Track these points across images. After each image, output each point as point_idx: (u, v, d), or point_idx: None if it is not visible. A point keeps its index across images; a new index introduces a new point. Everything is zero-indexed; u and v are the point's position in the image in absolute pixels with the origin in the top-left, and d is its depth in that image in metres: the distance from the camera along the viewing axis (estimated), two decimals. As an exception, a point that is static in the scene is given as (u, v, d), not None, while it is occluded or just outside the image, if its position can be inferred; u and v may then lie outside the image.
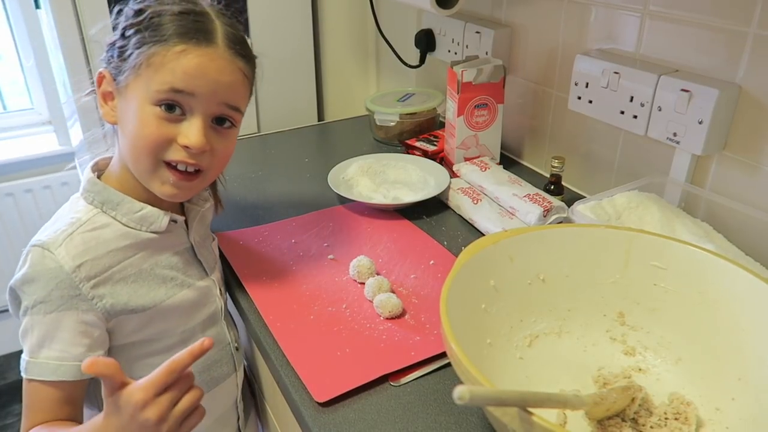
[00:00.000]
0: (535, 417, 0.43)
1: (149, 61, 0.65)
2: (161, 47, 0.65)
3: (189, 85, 0.65)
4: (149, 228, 0.72)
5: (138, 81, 0.66)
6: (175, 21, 0.66)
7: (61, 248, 0.65)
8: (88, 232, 0.67)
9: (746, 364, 0.58)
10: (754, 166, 0.79)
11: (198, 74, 0.65)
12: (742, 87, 0.78)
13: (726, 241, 0.79)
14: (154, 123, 0.66)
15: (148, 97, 0.66)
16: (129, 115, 0.67)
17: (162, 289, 0.72)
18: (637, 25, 0.90)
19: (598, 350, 0.68)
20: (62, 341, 0.65)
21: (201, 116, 0.67)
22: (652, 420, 0.58)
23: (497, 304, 0.65)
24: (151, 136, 0.66)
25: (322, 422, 0.62)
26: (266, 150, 1.29)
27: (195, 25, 0.66)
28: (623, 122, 0.91)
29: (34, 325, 0.65)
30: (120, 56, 0.67)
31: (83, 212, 0.69)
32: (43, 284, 0.64)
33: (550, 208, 0.90)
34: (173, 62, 0.65)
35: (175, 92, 0.65)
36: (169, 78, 0.65)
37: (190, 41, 0.65)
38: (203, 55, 0.65)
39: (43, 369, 0.64)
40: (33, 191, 1.85)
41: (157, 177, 0.69)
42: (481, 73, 1.04)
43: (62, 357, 0.65)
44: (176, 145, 0.67)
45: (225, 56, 0.67)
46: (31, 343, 0.65)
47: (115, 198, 0.70)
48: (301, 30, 1.51)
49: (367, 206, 1.01)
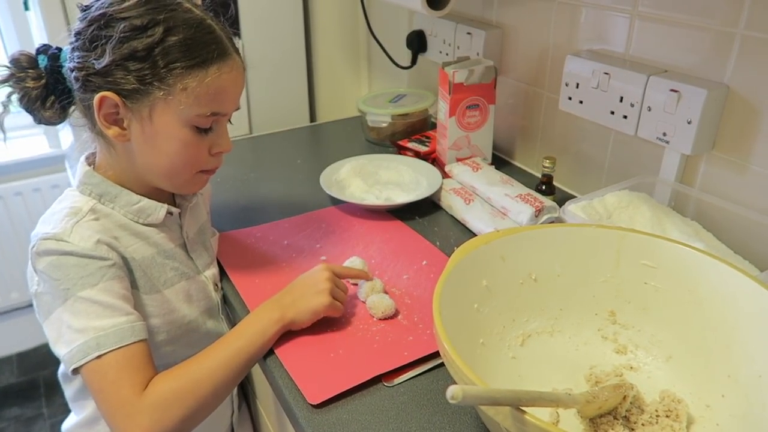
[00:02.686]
0: (528, 415, 0.44)
1: (185, 85, 0.65)
2: (198, 71, 0.65)
3: (225, 106, 0.69)
4: (146, 220, 0.73)
5: (169, 104, 0.66)
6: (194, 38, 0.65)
7: (73, 234, 0.66)
8: (92, 221, 0.68)
9: (736, 361, 0.59)
10: (743, 166, 0.80)
11: (231, 93, 0.69)
12: (730, 87, 0.79)
13: (715, 240, 0.80)
14: (195, 143, 0.69)
15: (186, 120, 0.67)
16: (161, 138, 0.68)
17: (162, 278, 0.74)
18: (626, 25, 0.91)
19: (589, 349, 0.68)
20: (122, 307, 0.66)
21: (225, 123, 0.73)
22: (643, 417, 0.58)
23: (490, 303, 0.65)
24: (194, 155, 0.70)
25: (316, 423, 0.62)
26: (258, 151, 1.29)
27: (212, 38, 0.67)
28: (613, 122, 0.91)
29: (85, 302, 0.64)
30: (138, 77, 0.64)
31: (82, 202, 0.70)
32: (75, 261, 0.65)
33: (541, 208, 0.91)
34: (211, 85, 0.66)
35: (214, 115, 0.69)
36: (209, 102, 0.67)
37: (220, 58, 0.67)
38: (231, 71, 0.68)
39: (120, 335, 0.64)
40: (23, 194, 1.84)
41: (192, 182, 0.74)
42: (473, 74, 1.05)
43: (131, 320, 0.65)
44: (209, 156, 0.72)
45: (239, 62, 0.70)
46: (90, 320, 0.64)
47: (113, 190, 0.71)
48: (293, 31, 1.51)
49: (359, 207, 1.02)
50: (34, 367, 1.98)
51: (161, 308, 0.73)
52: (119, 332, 0.64)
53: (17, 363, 1.99)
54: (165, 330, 0.74)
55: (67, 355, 0.63)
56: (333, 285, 0.74)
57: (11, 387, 1.92)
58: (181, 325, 0.76)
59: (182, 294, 0.76)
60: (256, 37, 1.46)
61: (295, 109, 1.59)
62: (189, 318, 0.77)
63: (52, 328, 0.65)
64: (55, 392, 1.89)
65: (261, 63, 1.48)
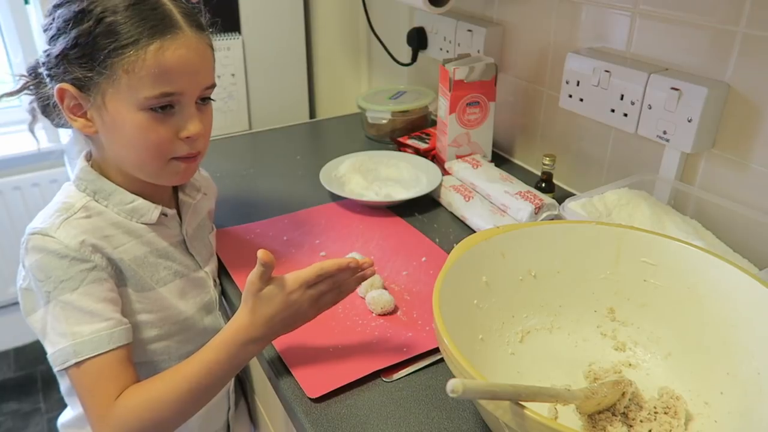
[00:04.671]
0: (527, 410, 0.44)
1: (126, 68, 0.62)
2: (134, 51, 0.62)
3: (177, 85, 0.65)
4: (140, 220, 0.72)
5: (117, 89, 0.64)
6: (132, 16, 0.62)
7: (60, 230, 0.65)
8: (83, 219, 0.67)
9: (734, 358, 0.59)
10: (743, 164, 0.80)
11: (181, 70, 0.64)
12: (731, 85, 0.79)
13: (714, 238, 0.80)
14: (153, 127, 0.65)
15: (137, 104, 0.64)
16: (119, 125, 0.66)
17: (155, 277, 0.73)
18: (627, 23, 0.91)
19: (589, 346, 0.68)
20: (101, 312, 0.65)
21: (190, 104, 0.67)
22: (642, 414, 0.59)
23: (489, 300, 0.65)
24: (155, 141, 0.66)
25: (315, 418, 0.62)
26: (258, 147, 1.29)
27: (154, 14, 0.63)
28: (614, 120, 0.91)
29: (65, 307, 0.64)
30: (84, 67, 0.63)
31: (76, 198, 0.69)
32: (57, 264, 0.64)
33: (541, 205, 0.91)
34: (153, 64, 0.63)
35: (165, 96, 0.65)
36: (155, 83, 0.63)
37: (160, 36, 0.63)
38: (178, 47, 0.64)
39: (97, 343, 0.63)
40: (21, 189, 1.84)
41: (168, 172, 0.70)
42: (473, 71, 1.05)
43: (110, 326, 0.65)
44: (178, 141, 0.68)
45: (194, 38, 0.65)
46: (69, 325, 0.63)
47: (108, 188, 0.70)
48: (293, 27, 1.51)
49: (359, 203, 1.02)
50: (31, 361, 1.98)
51: (154, 305, 0.72)
52: (96, 340, 0.64)
53: (14, 358, 1.99)
54: (158, 326, 0.73)
55: (50, 357, 0.65)
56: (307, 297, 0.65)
57: (8, 382, 1.92)
58: (177, 321, 0.75)
59: (176, 291, 0.75)
60: (256, 34, 1.45)
61: (294, 106, 1.59)
62: (185, 315, 0.76)
63: (37, 326, 0.66)
64: (52, 387, 1.89)
65: (261, 59, 1.48)
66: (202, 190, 0.83)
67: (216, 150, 1.26)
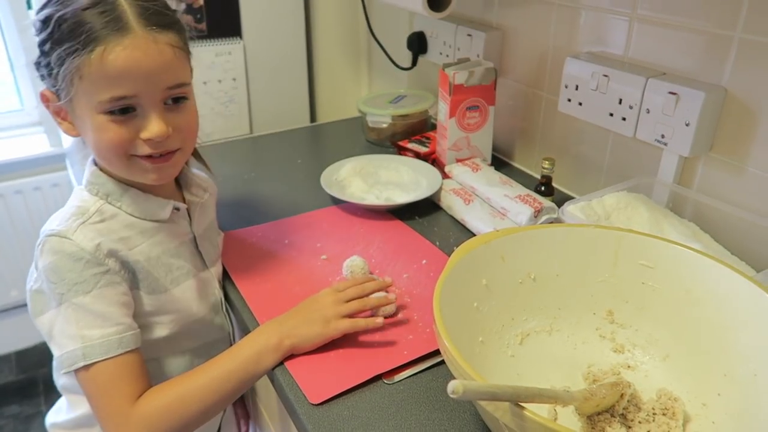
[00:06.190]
0: (527, 411, 0.44)
1: (79, 74, 0.62)
2: (83, 57, 0.61)
3: (127, 88, 0.63)
4: (153, 217, 0.73)
5: (78, 94, 0.64)
6: (82, 22, 0.62)
7: (77, 233, 0.66)
8: (98, 223, 0.69)
9: (732, 360, 0.59)
10: (740, 167, 0.81)
11: (130, 72, 0.63)
12: (728, 90, 0.80)
13: (712, 241, 0.81)
14: (111, 128, 0.65)
15: (94, 108, 0.64)
16: (86, 127, 0.67)
17: (169, 277, 0.74)
18: (625, 28, 0.91)
19: (588, 348, 0.69)
20: (112, 316, 0.66)
21: (153, 106, 0.66)
22: (640, 415, 0.59)
23: (489, 302, 0.66)
24: (113, 141, 0.66)
25: (317, 420, 0.63)
26: (258, 151, 1.30)
27: (102, 18, 0.62)
28: (612, 124, 0.92)
29: (77, 309, 0.64)
30: (50, 74, 0.65)
31: (90, 202, 0.70)
32: (71, 266, 0.65)
33: (540, 208, 0.92)
34: (100, 69, 0.62)
35: (117, 100, 0.64)
36: (105, 87, 0.63)
37: (105, 39, 0.61)
38: (124, 49, 0.62)
39: (107, 347, 0.64)
40: (23, 192, 1.84)
41: (136, 170, 0.69)
42: (473, 75, 1.05)
43: (120, 330, 0.65)
44: (139, 140, 0.67)
45: (145, 39, 0.63)
46: (79, 328, 0.64)
47: (119, 189, 0.71)
48: (294, 32, 1.52)
49: (359, 207, 1.02)
50: (33, 365, 1.98)
51: (168, 307, 0.74)
52: (106, 344, 0.64)
53: (16, 361, 1.99)
54: (168, 326, 0.74)
55: (58, 359, 0.65)
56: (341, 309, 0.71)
57: (10, 385, 1.92)
58: (188, 320, 0.76)
59: (191, 291, 0.76)
60: (257, 38, 1.46)
61: (295, 110, 1.60)
62: (199, 315, 0.77)
63: (44, 328, 0.67)
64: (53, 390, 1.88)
65: (262, 63, 1.49)
66: (208, 190, 0.84)
67: (217, 154, 1.27)
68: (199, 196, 0.81)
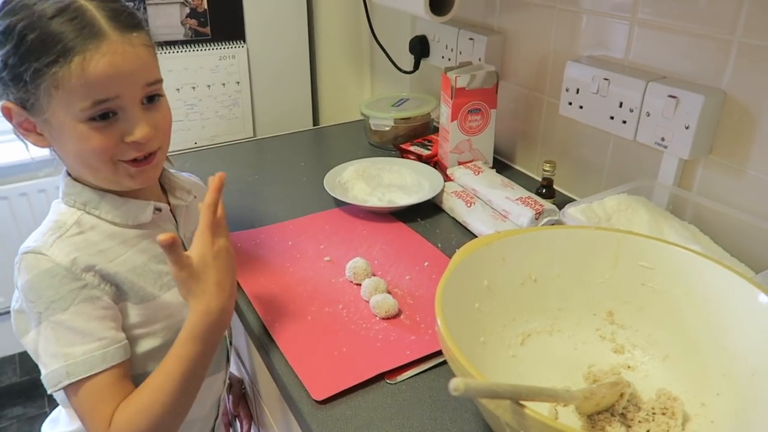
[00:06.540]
0: (527, 409, 0.45)
1: (56, 84, 0.61)
2: (58, 68, 0.60)
3: (109, 91, 0.62)
4: (135, 221, 0.71)
5: (54, 104, 0.62)
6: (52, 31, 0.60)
7: (53, 248, 0.64)
8: (76, 236, 0.67)
9: (730, 360, 0.60)
10: (739, 170, 0.82)
11: (110, 76, 0.62)
12: (727, 93, 0.80)
13: (712, 243, 0.81)
14: (95, 136, 0.64)
15: (74, 117, 0.63)
16: (65, 138, 0.65)
17: (157, 284, 0.72)
18: (626, 32, 0.92)
19: (588, 348, 0.70)
20: (94, 331, 0.64)
21: (133, 107, 0.65)
22: (640, 415, 0.60)
23: (490, 303, 0.67)
24: (98, 148, 0.64)
25: (320, 419, 0.63)
26: (262, 154, 1.31)
27: (73, 26, 0.60)
28: (613, 127, 0.93)
29: (57, 327, 0.63)
30: (17, 86, 0.62)
31: (67, 215, 0.68)
32: (48, 284, 0.63)
33: (541, 210, 0.92)
34: (80, 78, 0.60)
35: (99, 104, 0.63)
36: (86, 94, 0.61)
37: (83, 46, 0.60)
38: (103, 55, 0.61)
39: (90, 363, 0.63)
40: (9, 199, 1.83)
41: (121, 175, 0.68)
42: (475, 78, 1.06)
43: (103, 345, 0.64)
44: (124, 145, 0.65)
45: (121, 42, 0.63)
46: (60, 346, 0.63)
47: (96, 196, 0.69)
48: (297, 36, 1.53)
49: (362, 209, 1.03)
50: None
51: (159, 314, 0.71)
52: (90, 360, 0.63)
53: (19, 363, 2.00)
54: (160, 336, 0.72)
55: (43, 378, 0.64)
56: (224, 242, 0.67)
57: (13, 386, 1.93)
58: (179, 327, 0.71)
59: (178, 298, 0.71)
60: (260, 42, 1.48)
61: (298, 113, 1.61)
62: None
63: (30, 347, 0.66)
64: (57, 392, 1.90)
65: (265, 67, 1.50)
66: (192, 192, 0.82)
67: (220, 157, 1.28)
68: (183, 198, 0.79)
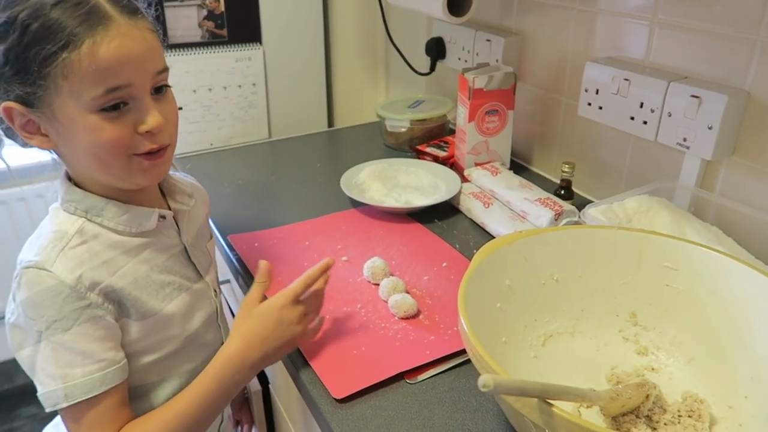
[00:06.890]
0: (555, 408, 0.45)
1: (63, 73, 0.58)
2: (67, 54, 0.57)
3: (121, 77, 0.60)
4: (139, 229, 0.68)
5: (62, 97, 0.59)
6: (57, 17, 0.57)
7: (57, 264, 0.61)
8: (78, 246, 0.64)
9: (758, 362, 0.59)
10: (763, 171, 0.81)
11: (121, 61, 0.59)
12: (751, 93, 0.79)
13: (736, 245, 0.80)
14: (108, 127, 0.61)
15: (85, 108, 0.59)
16: (75, 133, 0.61)
17: (159, 295, 0.69)
18: (646, 33, 0.92)
19: (610, 350, 0.69)
20: (94, 353, 0.62)
21: (144, 96, 0.62)
22: (666, 417, 0.59)
23: (512, 303, 0.66)
24: (112, 139, 0.61)
25: (340, 418, 0.63)
26: (277, 155, 1.31)
27: (78, 11, 0.58)
28: (633, 128, 0.92)
29: (57, 348, 0.61)
30: (22, 82, 0.59)
31: (68, 224, 0.65)
32: (50, 302, 0.60)
33: (561, 211, 0.92)
34: (90, 63, 0.58)
35: (111, 91, 0.60)
36: (97, 80, 0.59)
37: (90, 31, 0.58)
38: (112, 39, 0.59)
39: (89, 386, 0.61)
40: (26, 200, 1.83)
41: (134, 171, 0.65)
42: (492, 79, 1.06)
43: (102, 367, 0.62)
44: (137, 136, 0.63)
45: (128, 25, 0.60)
46: (59, 367, 0.61)
47: (99, 203, 0.66)
48: (313, 38, 1.54)
49: (379, 210, 1.03)
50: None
51: (160, 326, 0.69)
52: (89, 383, 0.61)
53: (35, 363, 2.01)
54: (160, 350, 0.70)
55: (40, 397, 0.62)
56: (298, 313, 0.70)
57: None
58: (180, 340, 0.72)
59: (182, 307, 0.72)
60: (276, 44, 1.48)
61: (313, 115, 1.61)
62: (189, 331, 0.73)
63: (26, 363, 0.63)
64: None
65: (281, 69, 1.51)
66: (194, 196, 0.79)
67: (237, 158, 1.28)
68: (185, 203, 0.75)
